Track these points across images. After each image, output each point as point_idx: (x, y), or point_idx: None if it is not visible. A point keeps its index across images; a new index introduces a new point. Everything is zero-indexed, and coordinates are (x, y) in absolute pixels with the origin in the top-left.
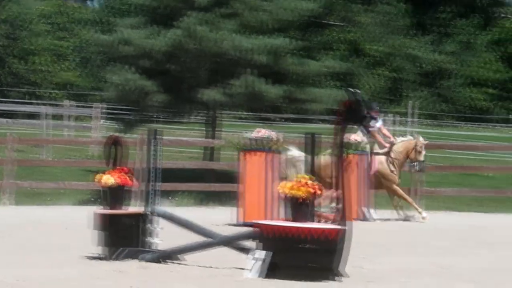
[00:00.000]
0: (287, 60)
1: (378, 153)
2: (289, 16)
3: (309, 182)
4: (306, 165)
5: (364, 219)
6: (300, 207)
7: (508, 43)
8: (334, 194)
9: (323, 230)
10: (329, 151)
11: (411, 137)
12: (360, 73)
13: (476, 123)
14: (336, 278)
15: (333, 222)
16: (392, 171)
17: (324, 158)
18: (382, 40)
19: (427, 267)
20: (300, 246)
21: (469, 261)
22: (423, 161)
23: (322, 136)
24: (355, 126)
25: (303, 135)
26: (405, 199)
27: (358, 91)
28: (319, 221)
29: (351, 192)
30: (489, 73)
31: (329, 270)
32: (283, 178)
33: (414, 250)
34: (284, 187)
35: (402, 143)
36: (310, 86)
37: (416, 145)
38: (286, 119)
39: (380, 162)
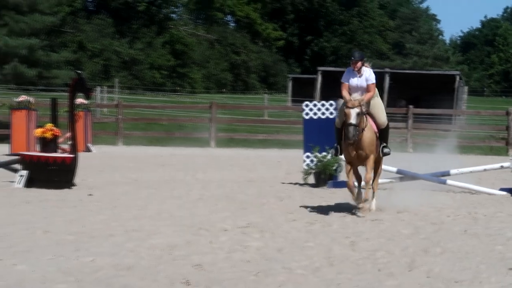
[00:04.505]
0: (38, 53)
1: None
2: (39, 25)
3: (54, 128)
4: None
5: (88, 151)
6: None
7: (175, 43)
8: (68, 135)
9: (63, 157)
10: None
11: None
12: (84, 61)
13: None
14: (71, 187)
15: (69, 152)
16: None
17: None
18: (97, 41)
19: (124, 180)
20: (48, 167)
21: (149, 176)
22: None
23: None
24: (80, 93)
25: (50, 99)
26: None
27: (82, 72)
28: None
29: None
30: (163, 61)
31: (68, 182)
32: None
33: (111, 169)
34: (38, 132)
35: None
36: (54, 69)
37: None
38: (40, 89)
39: None
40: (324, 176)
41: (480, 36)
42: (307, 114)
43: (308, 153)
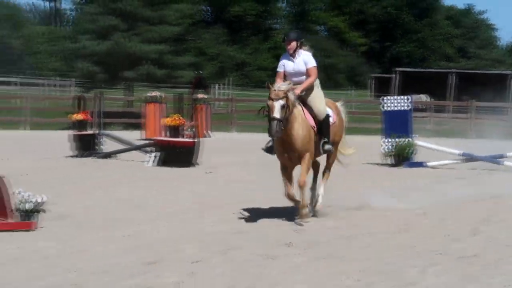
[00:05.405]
0: (167, 56)
1: None
2: (167, 34)
3: (179, 118)
4: None
5: (207, 136)
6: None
7: (277, 48)
8: (191, 124)
9: (187, 142)
10: None
11: None
12: (203, 64)
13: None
14: (194, 166)
15: (192, 138)
16: None
17: None
18: (214, 47)
19: (237, 160)
20: (175, 150)
21: (257, 157)
22: None
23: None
24: (201, 90)
25: (176, 95)
26: None
27: (201, 72)
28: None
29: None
30: (268, 63)
31: (191, 162)
32: None
33: (226, 152)
34: (166, 121)
35: None
36: (179, 70)
37: None
38: (167, 87)
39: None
40: (400, 158)
41: None
42: (385, 106)
43: (387, 139)
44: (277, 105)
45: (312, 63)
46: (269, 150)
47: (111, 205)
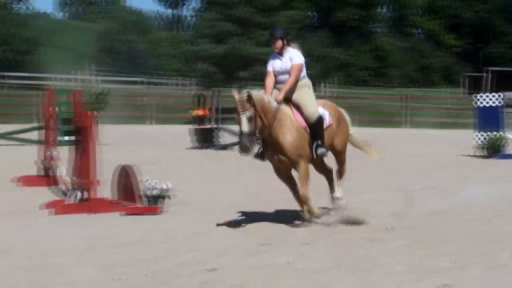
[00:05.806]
0: None
1: None
2: None
3: None
4: None
5: None
6: None
7: (378, 50)
8: None
9: None
10: None
11: None
12: (311, 64)
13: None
14: None
15: None
16: None
17: None
18: (320, 49)
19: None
20: None
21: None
22: None
23: None
24: None
25: None
26: None
27: (309, 72)
28: None
29: None
30: (369, 63)
31: None
32: None
33: None
34: None
35: None
36: None
37: None
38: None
39: None
40: (492, 150)
41: None
42: (478, 103)
43: (480, 132)
44: (243, 118)
45: (296, 59)
46: (259, 156)
47: (228, 192)
